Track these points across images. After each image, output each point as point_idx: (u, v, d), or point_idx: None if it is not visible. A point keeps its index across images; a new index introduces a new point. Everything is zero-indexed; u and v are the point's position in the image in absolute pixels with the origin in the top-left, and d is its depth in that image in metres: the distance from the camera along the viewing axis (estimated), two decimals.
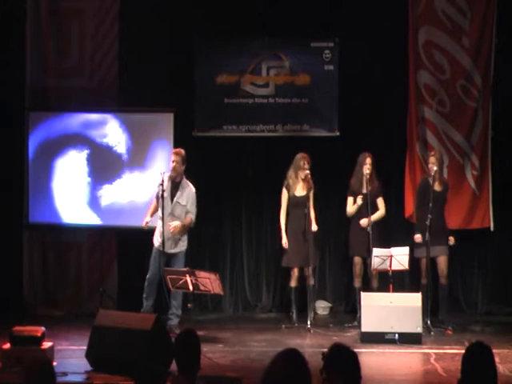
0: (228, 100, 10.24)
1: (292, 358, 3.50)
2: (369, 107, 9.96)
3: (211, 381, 4.83)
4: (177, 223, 8.72)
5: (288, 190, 9.40)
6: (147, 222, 8.92)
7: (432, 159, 9.16)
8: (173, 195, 8.85)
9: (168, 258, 8.80)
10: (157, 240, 8.86)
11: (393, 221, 9.94)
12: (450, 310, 9.31)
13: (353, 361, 3.69)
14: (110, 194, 10.01)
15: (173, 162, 8.84)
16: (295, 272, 9.42)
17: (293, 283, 9.47)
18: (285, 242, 9.32)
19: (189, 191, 8.88)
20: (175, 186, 8.87)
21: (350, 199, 9.43)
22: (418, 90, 9.91)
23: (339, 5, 9.92)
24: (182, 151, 8.88)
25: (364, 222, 9.19)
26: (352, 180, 9.43)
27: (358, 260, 9.39)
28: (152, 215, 8.97)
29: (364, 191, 9.24)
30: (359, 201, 9.24)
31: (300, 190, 9.37)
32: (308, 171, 9.27)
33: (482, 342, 4.02)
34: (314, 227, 9.31)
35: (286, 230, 9.37)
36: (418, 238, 9.07)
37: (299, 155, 9.34)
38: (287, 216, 9.43)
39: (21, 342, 6.96)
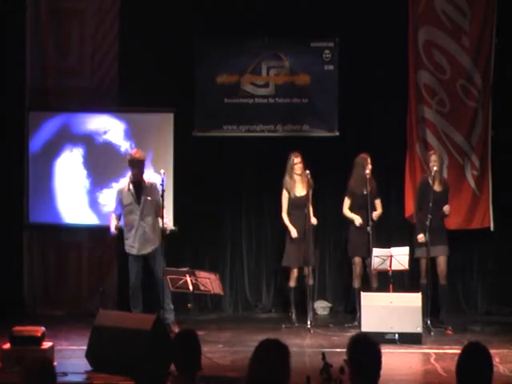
0: (228, 100, 10.23)
1: (271, 348, 3.56)
2: (369, 107, 9.96)
3: (211, 381, 4.83)
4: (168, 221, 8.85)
5: (288, 192, 9.41)
6: (117, 227, 8.86)
7: (433, 157, 9.14)
8: (138, 196, 8.79)
9: (146, 259, 8.83)
10: (131, 247, 8.85)
11: (393, 221, 9.95)
12: (450, 310, 9.31)
13: (378, 357, 3.70)
14: (110, 193, 10.00)
15: (134, 169, 8.72)
16: (294, 272, 9.43)
17: (292, 283, 9.47)
18: (294, 232, 9.26)
19: (150, 184, 8.81)
20: (137, 186, 8.81)
21: (347, 201, 9.40)
22: (418, 90, 9.91)
23: (339, 5, 9.92)
24: (143, 155, 8.79)
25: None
26: (350, 181, 9.39)
27: (358, 260, 9.37)
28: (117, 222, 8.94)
29: (365, 192, 9.23)
30: (357, 223, 9.20)
31: (300, 190, 9.37)
32: (300, 164, 9.26)
33: (479, 342, 3.99)
34: (314, 220, 9.29)
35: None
36: (421, 238, 9.00)
37: (289, 155, 9.37)
38: (288, 216, 9.42)
39: (21, 341, 6.96)
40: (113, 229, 8.87)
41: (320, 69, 10.16)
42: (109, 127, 10.07)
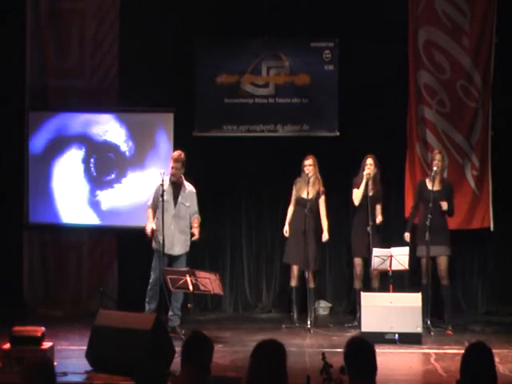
0: (228, 100, 10.24)
1: (267, 349, 3.58)
2: (369, 107, 9.95)
3: (211, 381, 4.82)
4: (196, 231, 8.75)
5: (296, 190, 9.45)
6: (153, 229, 8.74)
7: (438, 156, 9.15)
8: (175, 197, 8.83)
9: (171, 260, 8.79)
10: (158, 242, 8.82)
11: (393, 221, 9.93)
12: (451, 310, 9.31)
13: (372, 361, 3.73)
14: (110, 193, 10.02)
15: (172, 168, 8.79)
16: (294, 271, 9.43)
17: (293, 283, 9.47)
18: (286, 230, 9.41)
19: (190, 192, 8.88)
20: (176, 188, 8.85)
21: (356, 190, 9.38)
22: (418, 89, 9.91)
23: (339, 5, 9.92)
24: (182, 155, 8.80)
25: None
26: (356, 179, 9.40)
27: (358, 261, 9.38)
28: (154, 219, 8.88)
29: (369, 193, 9.23)
30: (365, 178, 9.20)
31: (305, 192, 9.35)
32: (310, 167, 9.26)
33: (483, 343, 3.99)
34: (325, 236, 9.33)
35: (290, 225, 9.42)
36: (406, 236, 9.15)
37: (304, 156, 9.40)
38: (292, 213, 9.48)
39: (21, 341, 6.95)
40: (149, 231, 8.73)
41: (320, 69, 10.16)
42: (109, 127, 10.07)
